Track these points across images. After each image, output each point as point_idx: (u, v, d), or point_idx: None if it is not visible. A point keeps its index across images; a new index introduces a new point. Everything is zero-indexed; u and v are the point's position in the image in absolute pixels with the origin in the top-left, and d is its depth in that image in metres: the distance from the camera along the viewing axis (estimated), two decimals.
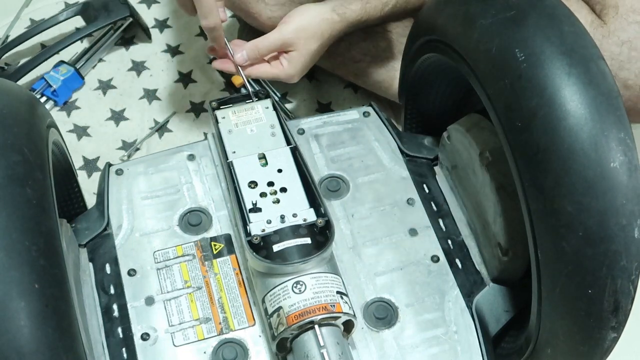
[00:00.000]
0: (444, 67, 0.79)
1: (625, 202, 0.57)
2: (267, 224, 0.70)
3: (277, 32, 0.83)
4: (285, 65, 0.84)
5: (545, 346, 0.67)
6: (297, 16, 0.83)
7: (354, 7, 0.84)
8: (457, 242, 0.80)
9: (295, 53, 0.83)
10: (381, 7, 0.87)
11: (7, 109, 0.64)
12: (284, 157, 0.77)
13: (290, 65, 0.84)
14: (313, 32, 0.83)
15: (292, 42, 0.82)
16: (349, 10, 0.84)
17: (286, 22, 0.84)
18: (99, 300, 0.74)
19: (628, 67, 0.89)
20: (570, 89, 0.59)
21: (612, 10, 0.90)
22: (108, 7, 1.16)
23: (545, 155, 0.59)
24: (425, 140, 0.88)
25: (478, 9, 0.67)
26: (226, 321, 0.73)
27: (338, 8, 0.84)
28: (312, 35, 0.83)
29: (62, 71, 1.13)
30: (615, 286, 0.59)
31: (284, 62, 0.84)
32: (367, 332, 0.73)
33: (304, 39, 0.83)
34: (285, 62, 0.84)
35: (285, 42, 0.82)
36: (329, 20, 0.83)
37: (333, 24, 0.84)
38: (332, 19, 0.83)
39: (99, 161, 1.07)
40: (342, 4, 0.84)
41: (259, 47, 0.83)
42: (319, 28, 0.83)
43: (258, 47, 0.83)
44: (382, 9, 0.87)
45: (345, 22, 0.85)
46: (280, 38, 0.82)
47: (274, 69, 0.84)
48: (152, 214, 0.80)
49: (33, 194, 0.58)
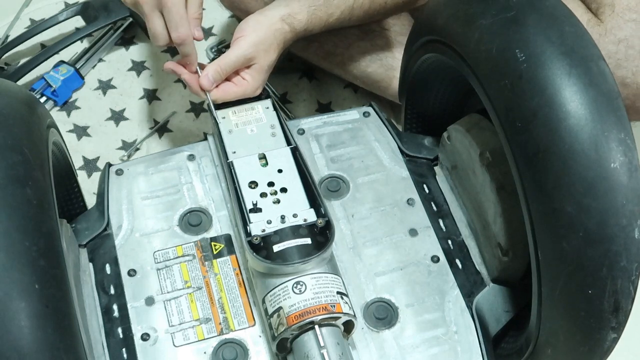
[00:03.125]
0: (444, 67, 0.79)
1: (625, 203, 0.57)
2: (267, 224, 0.70)
3: (236, 48, 0.81)
4: (250, 80, 0.83)
5: (546, 346, 0.67)
6: (251, 30, 0.82)
7: (300, 18, 0.85)
8: (457, 242, 0.80)
9: (257, 66, 0.83)
10: (326, 18, 0.87)
11: (7, 109, 0.64)
12: (285, 157, 0.77)
13: (253, 80, 0.83)
14: (270, 43, 0.83)
15: (252, 56, 0.82)
16: (296, 20, 0.84)
17: (242, 36, 0.82)
18: (99, 301, 0.74)
19: (625, 65, 0.89)
20: (571, 90, 0.59)
21: (608, 8, 0.90)
22: (108, 7, 1.16)
23: (545, 156, 0.59)
24: (425, 140, 0.88)
25: (478, 9, 0.67)
26: (226, 321, 0.73)
27: (286, 18, 0.84)
28: (270, 46, 0.83)
29: (62, 71, 1.13)
30: (616, 286, 0.59)
31: (248, 77, 0.83)
32: (367, 333, 0.73)
33: (263, 52, 0.82)
34: (249, 77, 0.83)
35: (247, 57, 0.81)
36: (281, 30, 0.84)
37: (284, 33, 0.84)
38: (283, 28, 0.84)
39: (99, 161, 1.07)
40: (289, 14, 0.84)
41: (222, 67, 0.81)
42: (274, 39, 0.83)
43: (221, 67, 0.81)
44: (327, 20, 0.88)
45: (294, 32, 0.85)
46: (242, 55, 0.81)
47: (240, 87, 0.83)
48: (152, 214, 0.80)
49: (33, 194, 0.58)
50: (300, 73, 1.17)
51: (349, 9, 0.88)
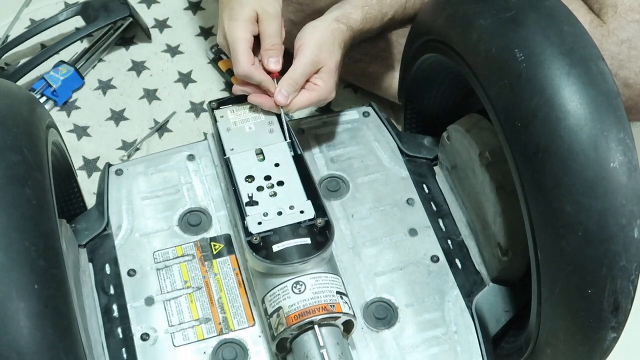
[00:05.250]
0: (443, 67, 0.79)
1: (624, 202, 0.57)
2: (263, 217, 0.70)
3: (302, 57, 0.80)
4: (322, 85, 0.81)
5: (545, 346, 0.67)
6: (309, 35, 0.81)
7: (354, 17, 0.84)
8: (457, 242, 0.80)
9: (325, 68, 0.81)
10: (381, 17, 0.87)
11: (7, 110, 0.64)
12: (281, 151, 0.77)
13: (325, 84, 0.81)
14: (331, 43, 0.81)
15: (318, 59, 0.80)
16: (351, 19, 0.84)
17: (302, 44, 0.80)
18: (98, 301, 0.74)
19: (628, 66, 0.89)
20: (570, 89, 0.59)
21: (611, 9, 0.90)
22: (108, 7, 1.16)
23: (544, 156, 0.59)
24: (425, 140, 0.88)
25: (477, 9, 0.67)
26: (226, 321, 0.73)
27: (341, 18, 0.83)
28: (332, 46, 0.81)
29: (62, 71, 1.13)
30: (615, 286, 0.59)
31: (319, 82, 0.80)
32: (367, 332, 0.73)
33: (327, 53, 0.81)
34: (320, 82, 0.81)
35: (314, 61, 0.80)
36: (339, 30, 0.82)
37: (342, 32, 0.83)
38: (340, 28, 0.83)
39: (98, 161, 1.07)
40: (343, 15, 0.83)
41: (294, 79, 0.79)
42: (334, 39, 0.82)
43: (293, 79, 0.79)
44: (381, 19, 0.87)
45: (351, 30, 0.84)
46: (309, 62, 0.79)
47: (314, 93, 0.81)
48: (151, 214, 0.80)
49: (32, 194, 0.58)
50: None
51: (402, 8, 0.88)
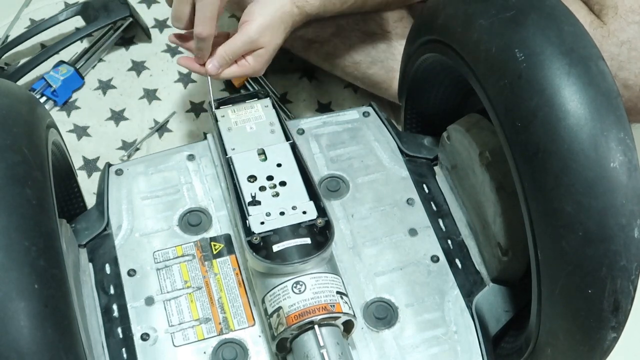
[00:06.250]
0: (444, 67, 0.79)
1: (625, 202, 0.57)
2: (266, 217, 0.70)
3: (243, 34, 0.81)
4: (252, 62, 0.83)
5: (545, 346, 0.67)
6: (257, 14, 0.81)
7: (312, 2, 0.84)
8: (457, 242, 0.80)
9: (261, 51, 0.82)
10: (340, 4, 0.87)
11: (7, 110, 0.64)
12: (284, 152, 0.77)
13: (256, 62, 0.82)
14: (277, 27, 0.81)
15: (259, 42, 0.81)
16: (308, 4, 0.83)
17: (249, 20, 0.81)
18: (98, 301, 0.74)
19: (628, 67, 0.89)
20: (570, 89, 0.59)
21: (612, 10, 0.90)
22: (108, 7, 1.16)
23: (544, 156, 0.59)
24: (425, 140, 0.88)
25: (478, 9, 0.67)
26: (226, 321, 0.73)
27: (297, 1, 0.83)
28: (276, 30, 0.81)
29: (62, 71, 1.13)
30: (615, 286, 0.59)
31: (250, 60, 0.83)
32: (367, 332, 0.73)
33: (269, 36, 0.81)
34: (252, 59, 0.82)
35: (253, 42, 0.81)
36: (290, 13, 0.82)
37: (293, 16, 0.83)
38: (292, 11, 0.82)
39: (98, 161, 1.07)
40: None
41: (228, 53, 0.81)
42: (282, 22, 0.82)
43: (227, 53, 0.81)
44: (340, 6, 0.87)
45: (304, 15, 0.84)
46: (247, 41, 0.81)
47: (242, 68, 0.83)
48: (151, 214, 0.80)
49: (33, 194, 0.58)
50: (300, 73, 1.17)
51: None
